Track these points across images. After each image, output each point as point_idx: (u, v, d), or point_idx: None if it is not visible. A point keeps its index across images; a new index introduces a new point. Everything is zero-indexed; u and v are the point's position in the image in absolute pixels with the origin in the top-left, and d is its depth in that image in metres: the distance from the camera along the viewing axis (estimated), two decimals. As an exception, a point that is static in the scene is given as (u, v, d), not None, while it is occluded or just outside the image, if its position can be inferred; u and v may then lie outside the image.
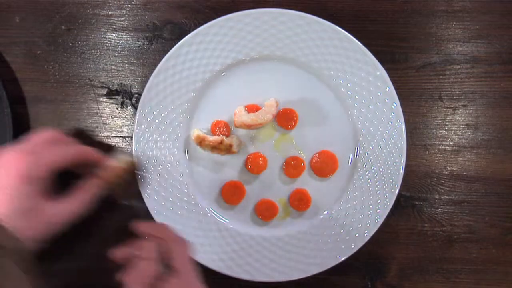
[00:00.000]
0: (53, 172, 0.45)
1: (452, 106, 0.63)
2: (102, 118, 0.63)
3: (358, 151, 0.60)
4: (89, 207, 0.46)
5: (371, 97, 0.59)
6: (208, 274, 0.60)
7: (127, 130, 0.63)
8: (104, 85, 0.63)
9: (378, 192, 0.59)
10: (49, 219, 0.43)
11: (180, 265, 0.41)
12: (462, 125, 0.63)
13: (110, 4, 0.64)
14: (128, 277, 0.41)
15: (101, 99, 0.63)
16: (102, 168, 0.49)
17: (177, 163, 0.60)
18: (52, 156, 0.44)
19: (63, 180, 0.49)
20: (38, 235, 0.43)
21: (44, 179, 0.44)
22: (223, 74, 0.61)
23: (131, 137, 0.62)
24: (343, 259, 0.58)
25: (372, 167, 0.59)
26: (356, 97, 0.60)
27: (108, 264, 0.43)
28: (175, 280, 0.41)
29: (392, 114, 0.59)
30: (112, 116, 0.63)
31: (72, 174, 0.51)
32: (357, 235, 0.59)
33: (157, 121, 0.60)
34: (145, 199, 0.59)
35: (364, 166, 0.60)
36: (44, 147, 0.45)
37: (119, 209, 0.56)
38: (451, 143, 0.63)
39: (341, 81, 0.60)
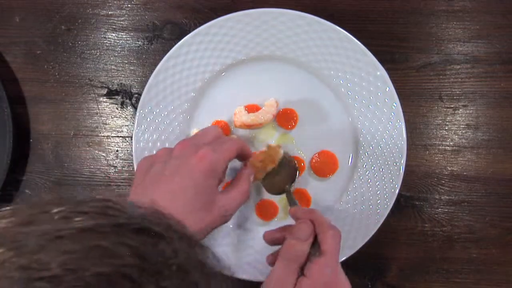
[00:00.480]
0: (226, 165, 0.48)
1: (452, 106, 0.63)
2: (102, 118, 0.63)
3: (358, 151, 0.60)
4: (248, 195, 0.49)
5: (371, 97, 0.59)
6: (208, 274, 0.60)
7: (127, 130, 0.63)
8: (104, 85, 0.63)
9: (378, 192, 0.59)
10: (223, 210, 0.46)
11: (328, 248, 0.45)
12: (463, 125, 0.62)
13: (110, 4, 0.64)
14: (283, 255, 0.46)
15: (101, 99, 0.63)
16: (251, 157, 0.53)
17: (177, 163, 0.60)
18: (227, 151, 0.47)
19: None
20: (212, 226, 0.46)
21: (222, 172, 0.47)
22: (223, 74, 0.61)
23: (131, 137, 0.62)
24: (343, 259, 0.58)
25: (372, 167, 0.59)
26: (356, 97, 0.59)
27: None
28: (321, 261, 0.45)
29: (392, 114, 0.59)
30: (112, 116, 0.63)
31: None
32: (357, 235, 0.59)
33: (157, 121, 0.60)
34: (145, 199, 0.59)
35: (364, 166, 0.60)
36: (218, 143, 0.48)
37: None
38: (451, 143, 0.62)
39: (341, 81, 0.60)
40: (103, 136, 0.63)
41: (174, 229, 0.29)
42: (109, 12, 0.64)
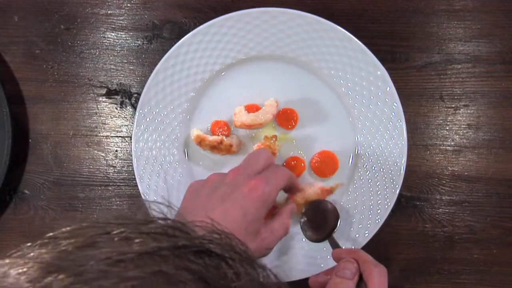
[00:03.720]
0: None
1: (453, 106, 0.62)
2: (101, 118, 0.63)
3: (359, 151, 0.60)
4: (288, 229, 0.48)
5: (371, 97, 0.59)
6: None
7: (126, 130, 0.63)
8: (103, 85, 0.63)
9: (378, 193, 0.59)
10: (265, 243, 0.45)
11: (375, 285, 0.44)
12: (464, 125, 0.62)
13: (109, 3, 0.63)
14: None
15: (100, 98, 0.63)
16: (298, 192, 0.52)
17: (177, 163, 0.60)
18: (279, 181, 0.46)
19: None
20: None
21: (272, 202, 0.46)
22: (223, 74, 0.61)
23: (130, 137, 0.62)
24: (343, 259, 0.58)
25: (373, 167, 0.59)
26: (357, 97, 0.59)
27: None
28: None
29: (393, 114, 0.58)
30: (111, 116, 0.63)
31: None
32: (357, 235, 0.58)
33: (156, 121, 0.59)
34: (144, 200, 0.58)
35: (364, 166, 0.59)
36: (271, 171, 0.47)
37: None
38: (452, 143, 0.62)
39: (341, 81, 0.59)
40: (102, 136, 0.63)
41: (236, 250, 0.28)
42: (109, 12, 0.63)
